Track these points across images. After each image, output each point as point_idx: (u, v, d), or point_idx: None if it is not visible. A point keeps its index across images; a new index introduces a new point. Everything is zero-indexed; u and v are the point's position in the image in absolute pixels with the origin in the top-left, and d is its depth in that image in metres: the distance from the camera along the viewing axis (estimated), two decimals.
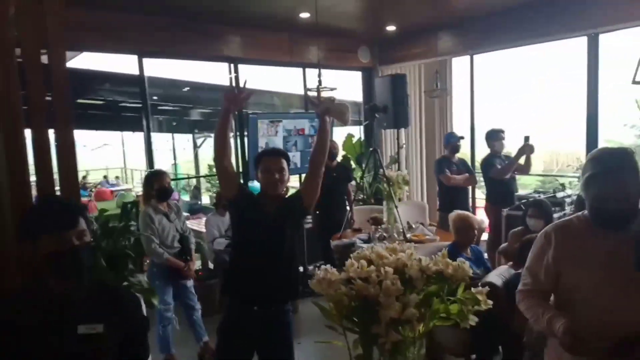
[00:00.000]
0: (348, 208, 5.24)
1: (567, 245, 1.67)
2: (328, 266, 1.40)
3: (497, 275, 2.85)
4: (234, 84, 5.72)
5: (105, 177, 15.65)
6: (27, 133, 1.86)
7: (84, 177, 13.42)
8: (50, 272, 1.51)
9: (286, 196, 2.54)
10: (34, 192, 1.96)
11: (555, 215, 3.68)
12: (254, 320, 2.35)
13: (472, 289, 1.41)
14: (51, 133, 1.92)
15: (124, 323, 1.63)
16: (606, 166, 1.59)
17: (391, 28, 6.06)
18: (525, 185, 7.61)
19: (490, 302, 1.40)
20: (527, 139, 4.62)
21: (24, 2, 1.82)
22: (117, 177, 16.16)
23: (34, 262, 1.52)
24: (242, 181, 5.88)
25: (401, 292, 1.27)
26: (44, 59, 1.90)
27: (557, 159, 14.50)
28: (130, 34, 4.75)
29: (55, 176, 1.96)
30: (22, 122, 1.83)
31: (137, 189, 13.29)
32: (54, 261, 1.47)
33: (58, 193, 1.99)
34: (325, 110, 2.38)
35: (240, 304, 2.39)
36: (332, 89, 4.07)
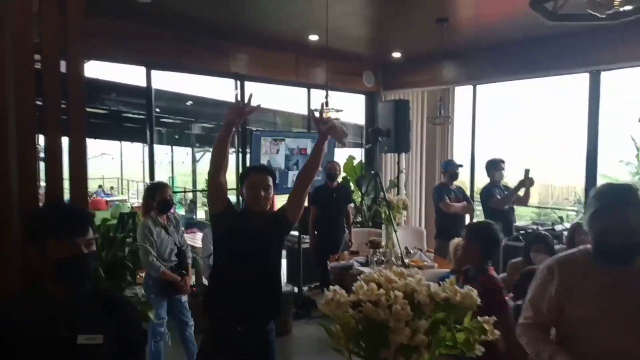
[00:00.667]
0: (346, 230, 5.24)
1: (570, 279, 1.67)
2: (337, 287, 1.39)
3: None
4: (238, 100, 5.77)
5: (100, 186, 15.58)
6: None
7: None
8: (54, 278, 1.50)
9: (270, 212, 2.49)
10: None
11: (556, 247, 3.68)
12: (236, 340, 2.28)
13: (478, 317, 1.41)
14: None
15: (123, 333, 1.62)
16: (610, 201, 1.62)
17: (397, 55, 6.17)
18: (520, 217, 7.65)
19: (497, 332, 1.39)
20: (527, 172, 4.68)
21: (45, 9, 1.85)
22: (112, 188, 16.07)
23: (39, 266, 1.51)
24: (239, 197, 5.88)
25: (411, 318, 1.27)
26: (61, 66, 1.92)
27: (552, 192, 14.60)
28: (140, 45, 4.81)
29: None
30: (36, 128, 1.83)
31: (133, 200, 13.21)
32: (62, 267, 1.47)
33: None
34: (329, 130, 2.37)
35: (222, 322, 2.33)
36: (338, 111, 4.11)
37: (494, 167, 4.95)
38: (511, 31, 4.97)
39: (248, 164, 5.69)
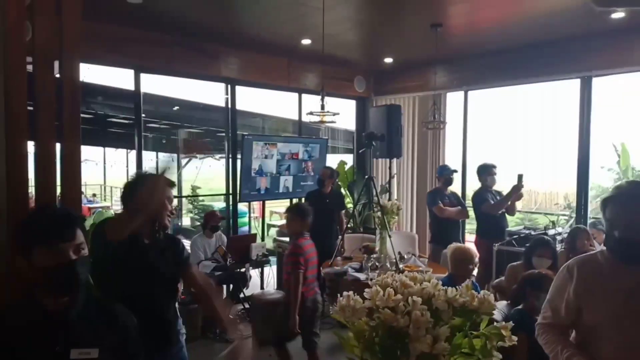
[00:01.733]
0: (339, 235, 5.19)
1: (589, 280, 1.65)
2: (350, 293, 1.34)
3: (497, 311, 2.81)
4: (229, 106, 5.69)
5: (82, 193, 15.23)
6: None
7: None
8: (44, 288, 1.42)
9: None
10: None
11: None
12: None
13: (496, 323, 1.38)
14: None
15: (121, 344, 1.55)
16: (634, 196, 1.59)
17: (388, 60, 6.18)
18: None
19: (515, 338, 1.36)
20: (520, 177, 4.68)
21: (39, 5, 1.77)
22: (94, 195, 15.77)
23: (28, 277, 1.42)
24: (232, 201, 5.78)
25: (431, 324, 1.22)
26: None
27: (535, 197, 14.87)
28: (130, 48, 4.72)
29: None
30: (27, 133, 1.75)
31: (116, 207, 12.97)
32: (49, 276, 1.38)
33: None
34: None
35: None
36: (334, 114, 4.07)
37: (486, 171, 4.94)
38: (504, 37, 5.01)
39: (239, 169, 5.61)
